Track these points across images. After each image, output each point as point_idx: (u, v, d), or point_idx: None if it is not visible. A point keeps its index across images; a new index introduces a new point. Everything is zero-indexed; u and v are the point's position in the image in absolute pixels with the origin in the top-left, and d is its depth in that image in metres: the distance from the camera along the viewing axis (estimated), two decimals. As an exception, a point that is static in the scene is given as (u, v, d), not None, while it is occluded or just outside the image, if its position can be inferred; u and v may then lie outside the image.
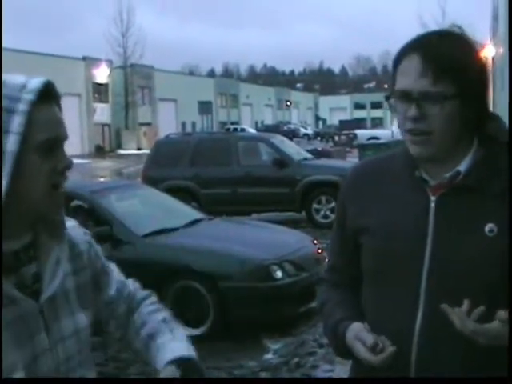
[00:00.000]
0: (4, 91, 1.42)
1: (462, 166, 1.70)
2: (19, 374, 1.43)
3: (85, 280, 1.67)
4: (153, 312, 1.81)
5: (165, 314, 1.81)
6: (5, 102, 1.41)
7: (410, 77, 1.66)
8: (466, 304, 1.55)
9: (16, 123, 1.40)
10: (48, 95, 1.47)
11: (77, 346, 1.58)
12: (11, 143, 1.40)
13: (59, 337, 1.53)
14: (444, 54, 1.64)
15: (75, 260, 1.65)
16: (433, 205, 1.70)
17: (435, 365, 1.68)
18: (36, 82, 1.45)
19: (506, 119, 1.83)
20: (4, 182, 1.39)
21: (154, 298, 1.86)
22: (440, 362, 1.67)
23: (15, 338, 1.44)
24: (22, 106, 1.41)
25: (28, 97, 1.42)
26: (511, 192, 1.64)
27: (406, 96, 1.66)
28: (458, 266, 1.65)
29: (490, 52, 27.96)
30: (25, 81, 1.45)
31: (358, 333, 1.69)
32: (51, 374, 1.50)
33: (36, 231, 1.55)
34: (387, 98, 1.73)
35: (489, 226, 1.64)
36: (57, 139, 1.48)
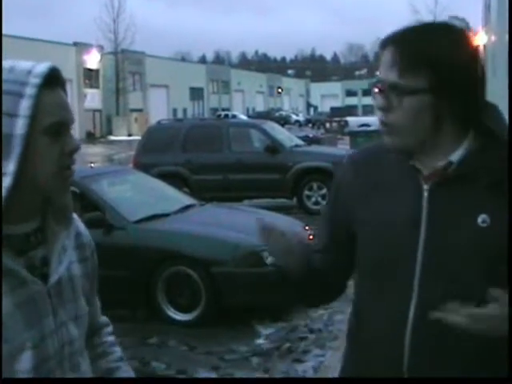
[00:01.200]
0: (11, 76, 1.44)
1: (455, 157, 1.69)
2: (28, 354, 1.46)
3: (87, 270, 1.72)
4: (112, 345, 1.86)
5: (119, 350, 1.87)
6: (13, 87, 1.43)
7: (383, 68, 1.68)
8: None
9: (24, 106, 1.42)
10: (54, 79, 1.49)
11: (77, 330, 1.62)
12: (20, 126, 1.41)
13: (64, 320, 1.57)
14: (416, 47, 1.63)
15: (80, 249, 1.69)
16: (426, 194, 1.70)
17: (428, 353, 1.69)
18: (42, 67, 1.47)
19: (499, 106, 1.82)
20: (13, 165, 1.41)
21: (111, 328, 1.91)
22: (433, 351, 1.68)
23: (26, 318, 1.47)
24: (30, 90, 1.43)
25: (35, 81, 1.44)
26: (511, 190, 1.64)
27: (378, 84, 1.69)
28: (451, 256, 1.65)
29: (481, 39, 28.01)
30: (31, 66, 1.47)
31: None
32: (56, 355, 1.54)
33: (44, 216, 1.57)
34: (373, 87, 1.74)
35: (482, 217, 1.64)
36: (64, 122, 1.50)
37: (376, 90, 1.70)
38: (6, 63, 1.47)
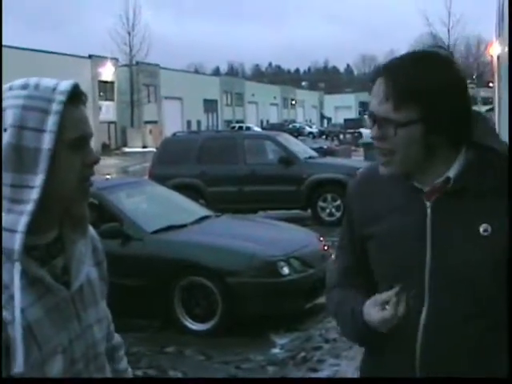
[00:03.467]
0: (37, 93, 1.53)
1: (451, 172, 1.78)
2: (58, 358, 1.54)
3: (103, 273, 1.80)
4: (126, 372, 1.94)
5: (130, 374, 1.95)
6: (39, 103, 1.51)
7: (375, 99, 1.75)
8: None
9: (51, 122, 1.51)
10: (76, 96, 1.57)
11: (100, 333, 1.70)
12: (47, 141, 1.50)
13: (87, 323, 1.65)
14: (407, 81, 1.69)
15: (95, 253, 1.77)
16: (429, 210, 1.79)
17: (438, 357, 1.78)
18: (66, 85, 1.56)
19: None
20: (40, 178, 1.49)
21: (124, 349, 1.97)
22: (444, 354, 1.77)
23: (54, 323, 1.55)
24: (56, 107, 1.52)
25: (60, 98, 1.53)
26: (511, 195, 1.73)
27: (371, 117, 1.76)
28: (457, 266, 1.74)
29: (495, 50, 27.95)
30: (55, 83, 1.55)
31: (373, 300, 1.77)
32: (83, 357, 1.62)
33: (61, 225, 1.65)
34: (365, 114, 1.83)
35: (483, 226, 1.73)
36: (85, 136, 1.59)
37: (369, 120, 1.78)
38: (31, 80, 1.56)
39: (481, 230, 1.73)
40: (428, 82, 1.69)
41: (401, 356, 1.81)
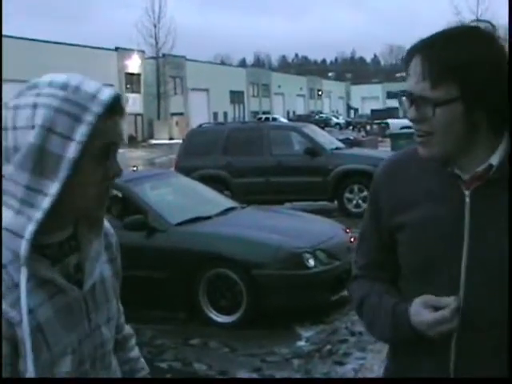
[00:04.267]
0: (75, 97, 1.44)
1: (494, 159, 1.68)
2: (67, 358, 1.51)
3: (116, 270, 1.76)
4: (138, 362, 1.90)
5: (144, 364, 1.91)
6: (73, 109, 1.43)
7: (412, 79, 1.67)
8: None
9: (81, 132, 1.43)
10: (115, 108, 1.49)
11: (109, 333, 1.66)
12: (72, 150, 1.42)
13: (97, 323, 1.61)
14: (445, 57, 1.61)
15: (109, 250, 1.72)
16: (467, 199, 1.70)
17: (473, 358, 1.69)
18: (107, 95, 1.46)
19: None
20: (56, 187, 1.42)
21: (134, 340, 1.93)
22: (480, 352, 1.69)
23: (64, 324, 1.51)
24: (90, 117, 1.43)
25: (97, 109, 1.44)
26: (511, 197, 1.65)
27: (408, 97, 1.68)
28: (495, 260, 1.65)
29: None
30: (96, 90, 1.46)
31: (427, 301, 1.68)
32: (90, 357, 1.58)
33: (76, 224, 1.60)
34: (400, 95, 1.75)
35: None
36: (112, 145, 1.51)
37: (406, 101, 1.69)
38: (73, 80, 1.47)
39: None
40: (467, 56, 1.61)
41: (435, 358, 1.73)
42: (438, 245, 1.71)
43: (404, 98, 1.70)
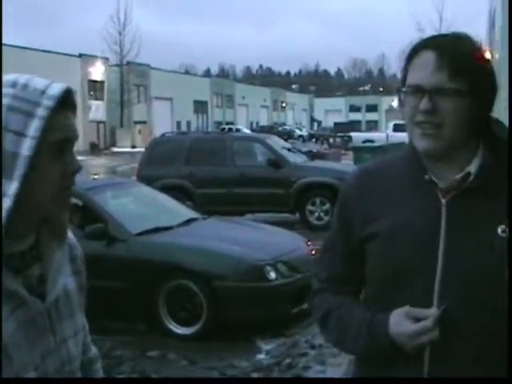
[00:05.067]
0: (24, 94, 1.42)
1: (472, 168, 1.69)
2: (30, 375, 1.45)
3: (81, 283, 1.70)
4: None
5: None
6: (24, 105, 1.41)
7: (425, 71, 1.67)
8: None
9: (34, 127, 1.40)
10: (66, 102, 1.47)
11: (76, 347, 1.60)
12: (27, 147, 1.39)
13: (62, 338, 1.55)
14: (460, 52, 1.66)
15: (73, 262, 1.67)
16: (444, 208, 1.69)
17: (448, 368, 1.67)
18: (56, 89, 1.44)
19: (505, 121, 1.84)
20: (15, 185, 1.38)
21: (100, 363, 1.86)
22: (453, 365, 1.67)
23: (27, 339, 1.45)
24: (42, 112, 1.41)
25: (48, 103, 1.42)
26: (511, 192, 1.64)
27: (419, 89, 1.67)
28: (472, 268, 1.64)
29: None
30: (45, 86, 1.44)
31: (409, 312, 1.66)
32: (56, 374, 1.52)
33: (38, 232, 1.55)
34: (398, 91, 1.73)
35: (501, 227, 1.64)
36: (68, 140, 1.48)
37: (412, 94, 1.69)
38: (21, 78, 1.45)
39: (499, 230, 1.64)
40: (476, 58, 1.69)
41: (409, 370, 1.70)
42: (412, 254, 1.70)
43: (402, 94, 1.72)
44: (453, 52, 1.66)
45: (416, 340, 1.64)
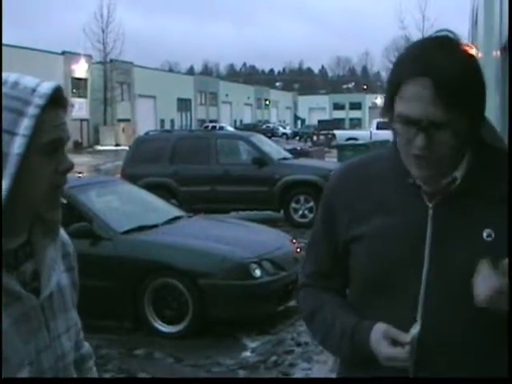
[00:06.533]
0: (14, 93, 1.41)
1: (459, 172, 1.67)
2: (25, 370, 1.45)
3: (73, 280, 1.71)
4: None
5: None
6: (15, 104, 1.40)
7: (420, 104, 1.57)
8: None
9: (25, 126, 1.40)
10: (57, 100, 1.47)
11: (69, 343, 1.61)
12: (18, 145, 1.39)
13: (56, 333, 1.56)
14: (453, 77, 1.55)
15: (66, 259, 1.68)
16: (430, 211, 1.68)
17: (433, 371, 1.67)
18: (47, 87, 1.44)
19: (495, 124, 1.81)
20: (6, 183, 1.39)
21: (93, 360, 1.87)
22: (438, 369, 1.66)
23: (21, 334, 1.46)
24: (32, 110, 1.41)
25: (39, 101, 1.42)
26: (511, 195, 1.64)
27: (414, 123, 1.59)
28: (458, 272, 1.63)
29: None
30: (36, 84, 1.44)
31: (387, 331, 1.64)
32: (51, 370, 1.53)
33: (31, 229, 1.55)
34: (390, 121, 1.65)
35: (487, 231, 1.63)
36: (60, 141, 1.48)
37: (407, 128, 1.60)
38: (10, 76, 1.45)
39: (484, 234, 1.64)
40: (467, 73, 1.58)
41: (390, 368, 1.68)
42: (398, 256, 1.68)
43: (399, 125, 1.62)
44: (449, 79, 1.55)
45: (390, 363, 1.64)
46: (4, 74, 1.45)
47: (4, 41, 52.93)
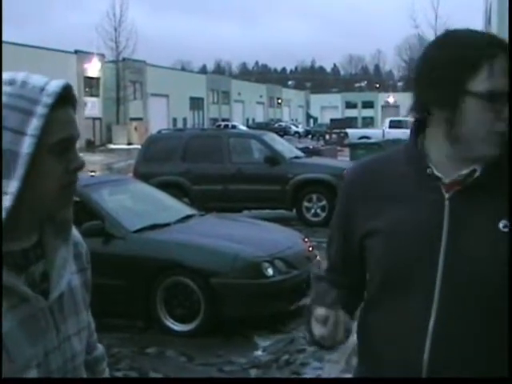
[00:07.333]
0: (23, 92, 1.40)
1: (478, 165, 1.67)
2: (32, 372, 1.44)
3: (86, 280, 1.69)
4: None
5: None
6: (23, 103, 1.39)
7: (505, 78, 1.62)
8: None
9: (34, 126, 1.38)
10: (66, 98, 1.45)
11: (80, 345, 1.59)
12: (27, 145, 1.37)
13: (66, 335, 1.54)
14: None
15: (78, 259, 1.66)
16: (447, 202, 1.69)
17: (447, 369, 1.66)
18: (55, 85, 1.43)
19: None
20: (15, 185, 1.37)
21: (106, 362, 1.87)
22: (452, 367, 1.66)
23: (29, 336, 1.44)
24: (41, 110, 1.39)
25: (48, 100, 1.40)
26: (511, 195, 1.64)
27: (501, 97, 1.62)
28: (474, 264, 1.64)
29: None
30: (44, 83, 1.43)
31: (317, 316, 1.68)
32: (59, 371, 1.51)
33: (43, 229, 1.54)
34: (454, 106, 1.64)
35: (503, 222, 1.63)
36: (70, 139, 1.46)
37: (496, 99, 1.62)
38: (19, 76, 1.44)
39: (500, 225, 1.64)
40: None
41: (407, 370, 1.68)
42: (414, 248, 1.69)
43: (480, 105, 1.63)
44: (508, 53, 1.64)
45: (326, 343, 1.70)
46: (13, 74, 1.44)
47: (16, 40, 53.24)
